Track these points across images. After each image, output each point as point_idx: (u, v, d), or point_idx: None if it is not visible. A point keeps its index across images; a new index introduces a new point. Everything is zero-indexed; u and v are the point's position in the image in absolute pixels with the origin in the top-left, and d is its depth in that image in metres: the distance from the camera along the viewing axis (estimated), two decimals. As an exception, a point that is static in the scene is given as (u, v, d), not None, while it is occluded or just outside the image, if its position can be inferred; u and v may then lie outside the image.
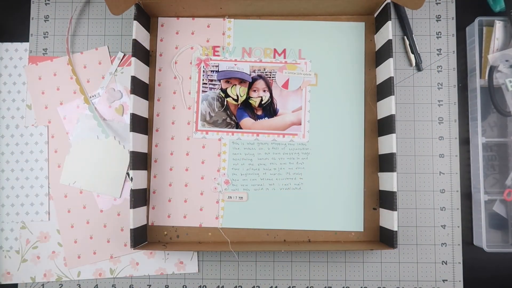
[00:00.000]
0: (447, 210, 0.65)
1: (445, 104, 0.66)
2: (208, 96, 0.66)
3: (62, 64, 0.68)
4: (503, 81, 0.63)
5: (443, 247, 0.64)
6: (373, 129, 0.65)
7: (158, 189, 0.65)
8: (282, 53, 0.67)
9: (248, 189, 0.65)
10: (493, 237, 0.64)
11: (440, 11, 0.68)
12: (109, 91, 0.67)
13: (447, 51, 0.67)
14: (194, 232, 0.65)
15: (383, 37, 0.62)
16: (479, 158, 0.62)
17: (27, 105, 0.67)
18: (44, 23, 0.68)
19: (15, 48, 0.68)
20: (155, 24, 0.67)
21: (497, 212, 0.64)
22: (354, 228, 0.64)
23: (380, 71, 0.64)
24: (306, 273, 0.64)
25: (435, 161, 0.65)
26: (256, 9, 0.65)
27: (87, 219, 0.65)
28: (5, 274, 0.65)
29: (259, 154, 0.65)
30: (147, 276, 0.65)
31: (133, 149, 0.60)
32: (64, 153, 0.66)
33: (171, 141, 0.66)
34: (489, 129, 0.65)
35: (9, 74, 0.68)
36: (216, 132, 0.66)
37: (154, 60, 0.67)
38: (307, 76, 0.66)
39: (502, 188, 0.64)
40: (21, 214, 0.66)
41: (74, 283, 0.65)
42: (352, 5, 0.64)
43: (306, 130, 0.66)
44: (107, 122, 0.66)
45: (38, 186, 0.66)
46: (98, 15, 0.69)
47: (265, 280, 0.64)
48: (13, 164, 0.66)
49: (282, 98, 0.66)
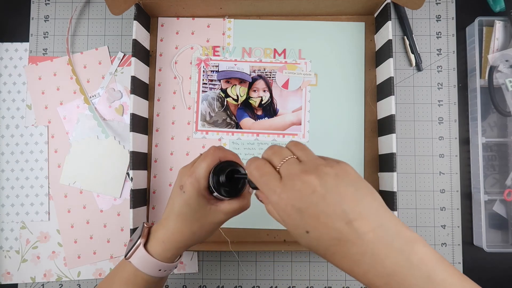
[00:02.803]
0: (447, 210, 0.65)
1: (445, 104, 0.66)
2: (208, 96, 0.66)
3: (62, 64, 0.68)
4: (503, 81, 0.63)
5: (443, 247, 0.64)
6: (373, 129, 0.65)
7: (158, 189, 0.65)
8: (282, 53, 0.67)
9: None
10: (493, 237, 0.64)
11: (440, 11, 0.68)
12: (109, 91, 0.67)
13: (447, 51, 0.67)
14: (194, 232, 0.65)
15: (383, 37, 0.62)
16: (479, 158, 0.62)
17: (27, 105, 0.67)
18: (44, 23, 0.68)
19: (15, 48, 0.68)
20: (155, 24, 0.67)
21: (497, 212, 0.64)
22: (354, 228, 0.64)
23: (380, 71, 0.64)
24: (306, 273, 0.64)
25: (435, 161, 0.65)
26: (256, 9, 0.65)
27: (87, 219, 0.65)
28: (5, 274, 0.65)
29: (259, 154, 0.65)
30: (147, 276, 0.65)
31: (133, 149, 0.60)
32: (64, 153, 0.66)
33: (171, 141, 0.66)
34: (489, 129, 0.65)
35: (9, 74, 0.68)
36: (216, 132, 0.66)
37: (154, 60, 0.67)
38: (307, 76, 0.66)
39: (502, 188, 0.64)
40: (21, 214, 0.66)
41: (74, 283, 0.65)
42: (352, 5, 0.64)
43: (306, 130, 0.65)
44: (107, 122, 0.66)
45: (38, 186, 0.66)
46: (98, 15, 0.69)
47: (265, 280, 0.64)
48: (13, 164, 0.66)
49: (282, 98, 0.66)
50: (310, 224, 0.32)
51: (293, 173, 0.33)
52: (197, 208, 0.45)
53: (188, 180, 0.44)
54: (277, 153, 0.36)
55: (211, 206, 0.45)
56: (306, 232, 0.32)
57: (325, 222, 0.31)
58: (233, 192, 0.45)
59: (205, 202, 0.45)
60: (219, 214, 0.46)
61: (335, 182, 0.32)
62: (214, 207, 0.45)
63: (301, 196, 0.32)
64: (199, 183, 0.44)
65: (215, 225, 0.46)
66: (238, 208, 0.46)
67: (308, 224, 0.32)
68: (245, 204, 0.46)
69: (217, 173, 0.44)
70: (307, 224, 0.32)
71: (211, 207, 0.45)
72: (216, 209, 0.45)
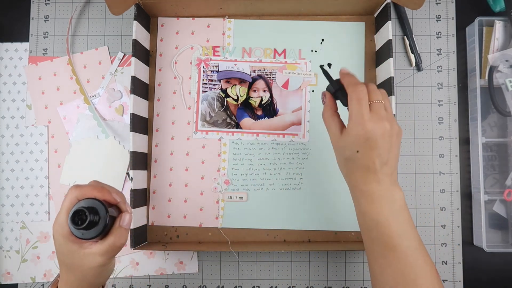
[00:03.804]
0: (447, 210, 0.65)
1: (445, 104, 0.66)
2: (208, 96, 0.66)
3: (62, 64, 0.68)
4: (503, 81, 0.63)
5: (443, 247, 0.64)
6: (373, 129, 0.65)
7: (158, 189, 0.65)
8: (282, 53, 0.67)
9: (248, 189, 0.65)
10: (493, 237, 0.64)
11: (440, 11, 0.68)
12: (109, 91, 0.67)
13: (447, 51, 0.67)
14: (194, 232, 0.65)
15: (383, 37, 0.62)
16: (479, 158, 0.62)
17: (27, 105, 0.67)
18: (44, 23, 0.68)
19: (15, 48, 0.68)
20: (155, 24, 0.67)
21: (497, 212, 0.64)
22: (354, 228, 0.64)
23: (380, 71, 0.64)
24: (306, 273, 0.64)
25: (435, 161, 0.65)
26: (256, 9, 0.65)
27: (87, 219, 0.65)
28: (5, 274, 0.65)
29: (259, 154, 0.65)
30: (147, 276, 0.65)
31: (133, 149, 0.60)
32: (64, 153, 0.66)
33: (171, 141, 0.66)
34: (489, 129, 0.65)
35: (9, 74, 0.68)
36: (216, 132, 0.66)
37: (154, 60, 0.67)
38: (307, 76, 0.66)
39: (502, 188, 0.64)
40: (21, 214, 0.66)
41: (74, 283, 0.65)
42: (352, 5, 0.64)
43: (306, 130, 0.65)
44: (107, 122, 0.66)
45: (38, 186, 0.66)
46: (98, 15, 0.69)
47: (265, 280, 0.64)
48: (13, 164, 0.66)
49: (282, 98, 0.66)
50: (365, 149, 0.44)
51: (381, 114, 0.45)
52: (70, 255, 0.43)
53: (54, 227, 0.43)
54: (374, 92, 0.46)
55: (84, 251, 0.43)
56: (356, 151, 0.45)
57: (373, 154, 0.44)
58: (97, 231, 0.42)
59: (77, 247, 0.43)
60: (95, 257, 0.43)
61: (395, 138, 0.45)
62: (87, 250, 0.43)
63: (376, 131, 0.44)
64: (62, 229, 0.42)
65: (98, 269, 0.44)
66: (109, 247, 0.43)
67: (364, 148, 0.44)
68: (116, 240, 0.43)
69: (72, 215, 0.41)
70: (363, 148, 0.44)
71: (85, 252, 0.43)
72: (90, 253, 0.43)
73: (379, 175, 0.45)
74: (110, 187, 0.45)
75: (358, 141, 0.44)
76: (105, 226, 0.42)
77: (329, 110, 0.49)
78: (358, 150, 0.45)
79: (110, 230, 0.44)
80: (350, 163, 0.47)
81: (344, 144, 0.46)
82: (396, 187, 0.46)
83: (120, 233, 0.44)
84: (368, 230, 0.46)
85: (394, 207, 0.45)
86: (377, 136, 0.44)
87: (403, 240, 0.44)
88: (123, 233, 0.44)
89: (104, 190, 0.44)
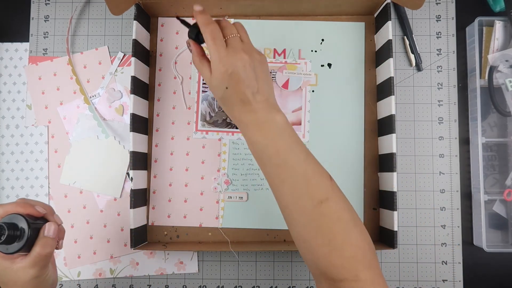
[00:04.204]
0: (447, 210, 0.65)
1: (445, 104, 0.66)
2: (208, 96, 0.66)
3: (62, 64, 0.68)
4: (503, 81, 0.63)
5: (443, 247, 0.64)
6: (373, 129, 0.65)
7: (158, 189, 0.65)
8: (282, 53, 0.67)
9: (248, 189, 0.65)
10: (493, 237, 0.64)
11: (440, 11, 0.68)
12: (109, 91, 0.67)
13: (447, 51, 0.67)
14: (194, 232, 0.65)
15: (383, 37, 0.62)
16: (479, 158, 0.62)
17: (27, 105, 0.67)
18: (44, 23, 0.68)
19: (15, 48, 0.68)
20: (155, 24, 0.67)
21: (497, 212, 0.64)
22: (354, 228, 0.64)
23: (380, 71, 0.64)
24: (306, 273, 0.64)
25: (435, 161, 0.65)
26: (256, 9, 0.65)
27: (87, 219, 0.65)
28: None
29: (259, 154, 0.65)
30: (147, 276, 0.65)
31: (133, 149, 0.60)
32: (64, 153, 0.66)
33: (171, 141, 0.66)
34: (489, 129, 0.65)
35: (9, 74, 0.68)
36: (216, 132, 0.66)
37: (154, 60, 0.67)
38: (307, 76, 0.66)
39: (502, 188, 0.64)
40: (21, 214, 0.66)
41: (74, 283, 0.65)
42: (352, 5, 0.64)
43: (306, 130, 0.65)
44: (107, 122, 0.67)
45: (38, 186, 0.66)
46: (98, 15, 0.69)
47: (265, 280, 0.64)
48: (13, 164, 0.66)
49: (282, 98, 0.66)
50: (232, 84, 0.46)
51: (237, 47, 0.46)
52: (4, 272, 0.44)
53: None
54: (228, 28, 0.47)
55: (16, 266, 0.44)
56: (226, 88, 0.46)
57: (242, 86, 0.46)
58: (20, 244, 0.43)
59: (9, 264, 0.44)
60: (26, 270, 0.44)
61: (258, 65, 0.47)
62: (18, 265, 0.44)
63: (236, 64, 0.45)
64: None
65: (33, 281, 0.45)
66: (36, 257, 0.44)
67: (231, 83, 0.46)
68: (41, 250, 0.44)
69: None
70: (230, 83, 0.46)
71: (17, 266, 0.44)
72: (21, 267, 0.44)
73: (253, 104, 0.46)
74: (34, 201, 0.47)
75: (224, 78, 0.45)
76: (28, 238, 0.43)
77: (197, 56, 0.49)
78: (227, 86, 0.46)
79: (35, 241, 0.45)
80: (226, 101, 0.47)
81: (215, 84, 0.47)
82: (275, 109, 0.47)
83: (45, 243, 0.45)
84: (260, 157, 0.47)
85: (277, 128, 0.46)
86: (239, 69, 0.45)
87: (290, 155, 0.45)
88: (48, 242, 0.45)
89: (27, 205, 0.45)
